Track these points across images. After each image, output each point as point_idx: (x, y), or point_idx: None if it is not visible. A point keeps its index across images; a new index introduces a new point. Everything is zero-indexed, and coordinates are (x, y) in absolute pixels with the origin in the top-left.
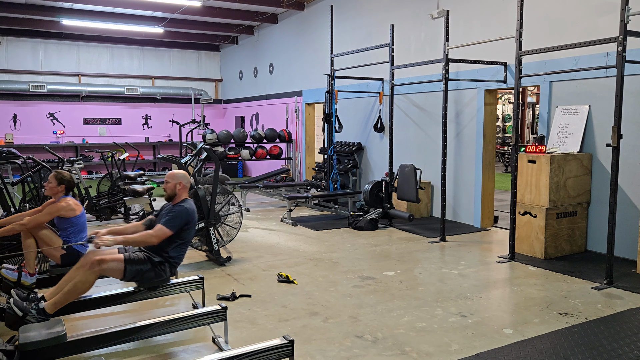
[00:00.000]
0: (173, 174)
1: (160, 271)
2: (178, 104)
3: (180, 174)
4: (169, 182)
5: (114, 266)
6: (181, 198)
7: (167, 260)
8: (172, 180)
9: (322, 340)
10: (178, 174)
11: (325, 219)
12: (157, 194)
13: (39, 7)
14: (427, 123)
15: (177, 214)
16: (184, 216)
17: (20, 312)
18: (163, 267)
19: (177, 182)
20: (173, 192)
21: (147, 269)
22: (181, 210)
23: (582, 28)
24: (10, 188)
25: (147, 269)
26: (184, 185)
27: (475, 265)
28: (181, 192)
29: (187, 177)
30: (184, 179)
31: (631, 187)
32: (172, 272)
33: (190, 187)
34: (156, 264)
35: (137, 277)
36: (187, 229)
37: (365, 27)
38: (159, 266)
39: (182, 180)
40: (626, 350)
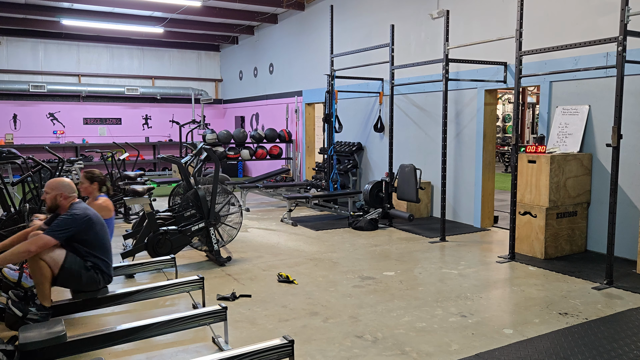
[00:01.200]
0: (53, 183)
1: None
2: (178, 104)
3: (62, 184)
4: (49, 192)
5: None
6: (65, 209)
7: (96, 266)
8: (52, 190)
9: (322, 340)
10: (59, 184)
11: (325, 219)
12: (157, 194)
13: (39, 7)
14: (427, 123)
15: (61, 222)
16: (70, 224)
17: (20, 313)
18: (94, 272)
19: (58, 194)
20: (53, 203)
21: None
22: (67, 218)
23: (582, 28)
24: (10, 188)
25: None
26: (66, 195)
27: (475, 265)
28: (63, 203)
29: (71, 187)
30: (66, 188)
31: (631, 187)
32: (105, 279)
33: (188, 185)
34: (88, 267)
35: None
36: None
37: (365, 27)
38: (91, 270)
39: (63, 191)
40: (626, 350)
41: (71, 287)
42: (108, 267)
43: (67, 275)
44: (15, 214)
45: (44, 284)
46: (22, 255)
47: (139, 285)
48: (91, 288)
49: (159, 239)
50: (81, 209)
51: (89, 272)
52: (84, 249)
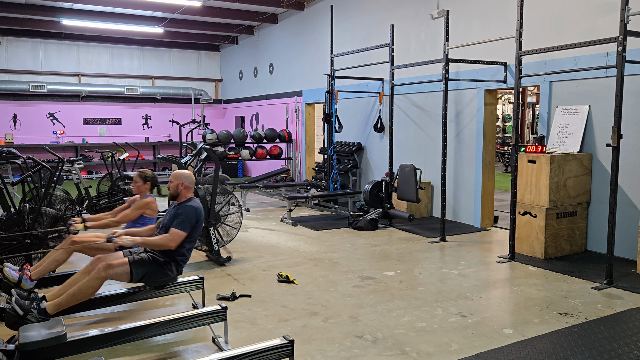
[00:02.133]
0: (177, 173)
1: (167, 270)
2: (178, 104)
3: (184, 174)
4: (172, 181)
5: (121, 270)
6: (185, 197)
7: (174, 259)
8: (176, 180)
9: (322, 340)
10: (182, 174)
11: (325, 219)
12: (157, 194)
13: (39, 7)
14: (427, 123)
15: (187, 215)
16: (193, 215)
17: (21, 311)
18: (169, 266)
19: (180, 183)
20: (175, 191)
21: (153, 270)
22: (189, 210)
23: (582, 28)
24: (10, 188)
25: (153, 270)
26: (187, 185)
27: (475, 265)
28: (184, 192)
29: (191, 178)
30: (187, 179)
31: (631, 187)
32: (179, 270)
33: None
34: (162, 263)
35: (144, 279)
36: (196, 227)
37: (365, 27)
38: (165, 266)
39: (184, 181)
40: (626, 350)
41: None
42: (186, 260)
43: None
44: (15, 214)
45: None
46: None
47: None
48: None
49: None
50: (198, 202)
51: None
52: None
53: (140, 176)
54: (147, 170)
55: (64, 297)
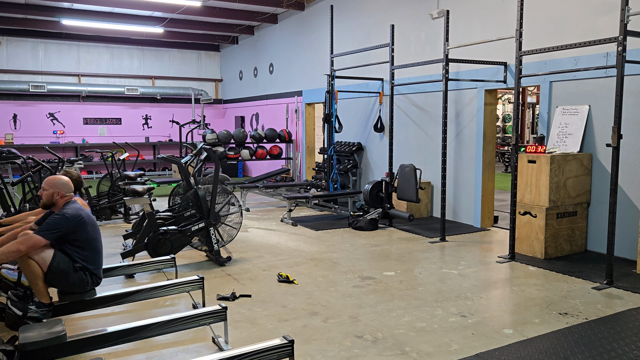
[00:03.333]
0: (51, 180)
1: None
2: (178, 104)
3: (60, 182)
4: (46, 189)
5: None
6: (60, 207)
7: (85, 268)
8: (50, 188)
9: (322, 340)
10: (58, 182)
11: (325, 219)
12: (157, 194)
13: (39, 7)
14: (427, 123)
15: (53, 222)
16: (62, 224)
17: (19, 312)
18: (84, 273)
19: (55, 191)
20: (49, 200)
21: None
22: (58, 218)
23: (582, 28)
24: (10, 188)
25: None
26: (63, 194)
27: (475, 265)
28: (59, 201)
29: (69, 186)
30: (64, 187)
31: (631, 187)
32: (94, 280)
33: (188, 185)
34: (77, 269)
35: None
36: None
37: (365, 27)
38: (80, 271)
39: (60, 189)
40: (626, 350)
41: (59, 287)
42: (97, 269)
43: (54, 275)
44: (15, 214)
45: (37, 282)
46: (13, 255)
47: (139, 285)
48: (79, 289)
49: (159, 239)
50: (74, 209)
51: (77, 273)
52: (74, 249)
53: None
54: (72, 171)
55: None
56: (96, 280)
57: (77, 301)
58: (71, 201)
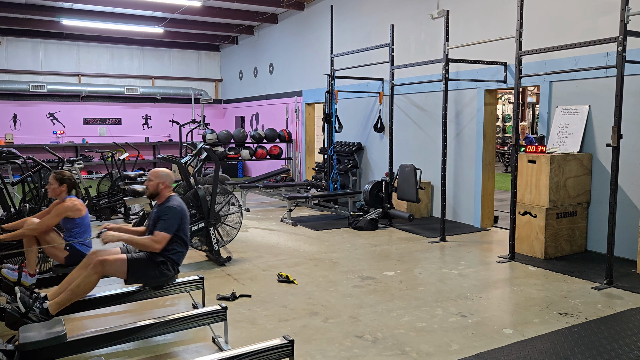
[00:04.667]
0: (156, 172)
1: (164, 270)
2: (178, 104)
3: (164, 173)
4: (152, 180)
5: (117, 267)
6: (165, 197)
7: (169, 259)
8: (155, 178)
9: (322, 340)
10: (161, 173)
11: (325, 219)
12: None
13: (39, 7)
14: (427, 123)
15: (171, 216)
16: (177, 216)
17: (23, 308)
18: (165, 266)
19: (160, 182)
20: (155, 190)
21: (150, 268)
22: (172, 211)
23: (582, 28)
24: (10, 188)
25: (149, 268)
26: (167, 185)
27: (475, 265)
28: (164, 191)
29: (171, 177)
30: (167, 178)
31: (631, 187)
32: (175, 269)
33: (188, 185)
34: (158, 263)
35: (141, 278)
36: (182, 226)
37: (365, 27)
38: (161, 265)
39: (165, 180)
40: (626, 350)
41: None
42: (181, 258)
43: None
44: (15, 214)
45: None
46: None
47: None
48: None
49: None
50: (179, 201)
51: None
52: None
53: (55, 177)
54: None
55: (63, 295)
56: (177, 269)
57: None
58: (174, 194)
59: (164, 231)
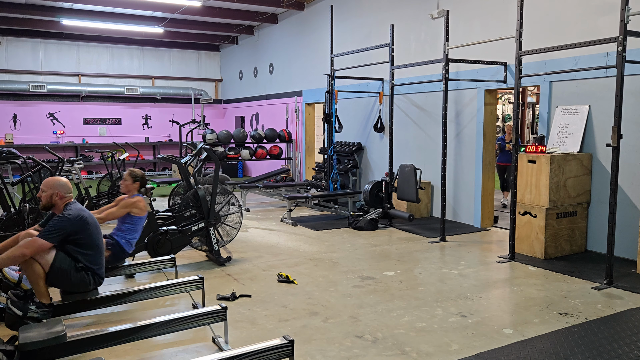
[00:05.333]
0: (50, 182)
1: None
2: (178, 104)
3: (59, 183)
4: (45, 191)
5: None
6: (60, 209)
7: (90, 268)
8: (48, 189)
9: (322, 340)
10: (57, 183)
11: (325, 219)
12: (157, 194)
13: (39, 7)
14: (427, 123)
15: (55, 225)
16: (65, 226)
17: (19, 312)
18: (87, 274)
19: (54, 193)
20: (48, 202)
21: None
22: (61, 221)
23: (582, 28)
24: (10, 188)
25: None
26: (62, 195)
27: (475, 265)
28: (59, 203)
29: (67, 187)
30: (63, 188)
31: (631, 187)
32: (96, 281)
33: (188, 185)
34: (79, 269)
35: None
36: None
37: (365, 27)
38: (82, 272)
39: (59, 191)
40: (626, 350)
41: (61, 287)
42: (100, 269)
43: (56, 275)
44: (15, 214)
45: (39, 282)
46: (18, 259)
47: (139, 285)
48: (81, 289)
49: (159, 239)
50: (75, 210)
51: (80, 273)
52: (77, 249)
53: (130, 175)
54: (137, 170)
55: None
56: (98, 280)
57: (78, 301)
58: (71, 202)
59: (41, 237)
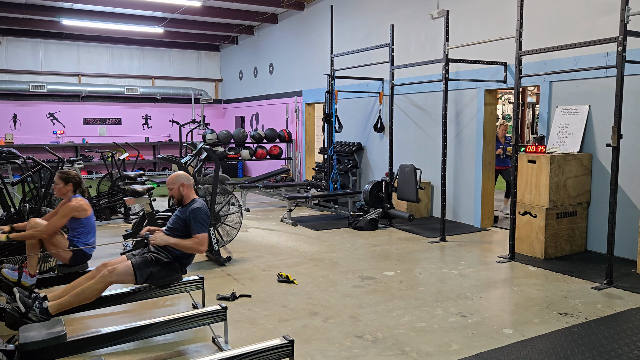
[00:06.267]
0: (173, 177)
1: (170, 270)
2: (178, 104)
3: (180, 176)
4: (172, 187)
5: (125, 273)
6: (190, 198)
7: (178, 259)
8: (174, 184)
9: (322, 340)
10: (178, 177)
11: (325, 219)
12: (157, 194)
13: (39, 7)
14: (427, 123)
15: (204, 217)
16: (206, 216)
17: (23, 308)
18: (172, 265)
19: (180, 184)
20: (180, 195)
21: (157, 269)
22: (203, 212)
23: (582, 28)
24: (10, 188)
25: (157, 270)
26: (187, 185)
27: (475, 265)
28: (187, 192)
29: (187, 176)
30: (185, 178)
31: (631, 187)
32: (183, 269)
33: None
34: (165, 263)
35: (149, 279)
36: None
37: (365, 27)
38: (168, 265)
39: (183, 181)
40: (626, 350)
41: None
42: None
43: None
44: (15, 214)
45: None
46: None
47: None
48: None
49: None
50: (201, 200)
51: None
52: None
53: (60, 177)
54: (70, 171)
55: (67, 298)
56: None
57: None
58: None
59: (204, 231)
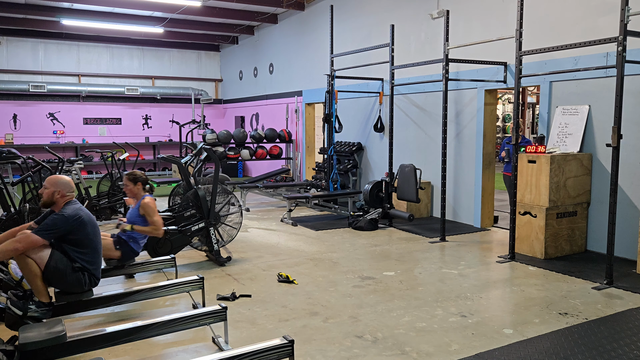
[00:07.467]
0: (53, 179)
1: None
2: (178, 104)
3: (62, 181)
4: (47, 187)
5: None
6: (60, 207)
7: (86, 268)
8: (51, 186)
9: (322, 340)
10: (59, 181)
11: (325, 219)
12: (157, 194)
13: (39, 7)
14: (427, 123)
15: (52, 223)
16: (60, 224)
17: (19, 312)
18: (82, 274)
19: (56, 190)
20: (50, 199)
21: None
22: (57, 219)
23: (582, 28)
24: (10, 188)
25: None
26: (64, 194)
27: (475, 265)
28: (60, 201)
29: (70, 186)
30: (65, 186)
31: (631, 187)
32: (92, 282)
33: (188, 185)
34: (76, 269)
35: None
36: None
37: (365, 27)
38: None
39: (61, 189)
40: (626, 350)
41: (57, 286)
42: (96, 270)
43: (52, 274)
44: (15, 214)
45: (35, 281)
46: (10, 253)
47: (139, 285)
48: (76, 289)
49: (159, 239)
50: (73, 209)
51: (76, 273)
52: (74, 249)
53: (128, 178)
54: (135, 171)
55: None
56: (94, 281)
57: (77, 301)
58: (72, 201)
59: (35, 233)
